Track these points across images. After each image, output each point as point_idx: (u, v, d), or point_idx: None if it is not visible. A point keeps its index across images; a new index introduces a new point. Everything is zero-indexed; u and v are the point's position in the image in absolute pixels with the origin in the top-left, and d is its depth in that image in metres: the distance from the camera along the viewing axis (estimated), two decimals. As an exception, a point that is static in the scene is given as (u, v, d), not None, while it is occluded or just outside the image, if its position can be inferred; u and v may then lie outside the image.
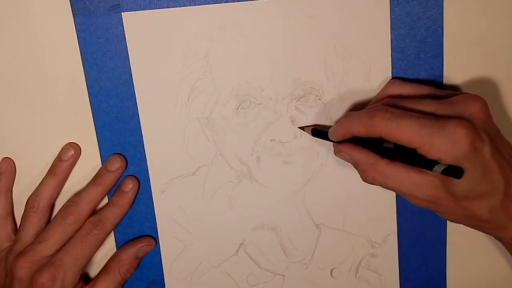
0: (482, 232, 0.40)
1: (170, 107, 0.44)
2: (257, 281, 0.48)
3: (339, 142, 0.41)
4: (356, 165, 0.40)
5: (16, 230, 0.46)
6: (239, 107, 0.44)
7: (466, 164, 0.35)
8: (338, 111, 0.44)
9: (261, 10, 0.42)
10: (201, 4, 0.42)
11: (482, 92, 0.44)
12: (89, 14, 0.42)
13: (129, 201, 0.44)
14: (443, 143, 0.35)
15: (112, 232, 0.46)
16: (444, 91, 0.41)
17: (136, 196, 0.45)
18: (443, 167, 0.35)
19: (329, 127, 0.41)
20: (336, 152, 0.41)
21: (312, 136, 0.43)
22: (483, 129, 0.36)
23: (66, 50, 0.43)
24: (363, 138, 0.39)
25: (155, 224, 0.46)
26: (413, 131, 0.36)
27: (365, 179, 0.39)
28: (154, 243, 0.46)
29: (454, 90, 0.44)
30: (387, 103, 0.39)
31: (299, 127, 0.44)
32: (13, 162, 0.45)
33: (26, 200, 0.44)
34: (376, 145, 0.39)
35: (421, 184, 0.37)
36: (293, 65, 0.43)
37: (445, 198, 0.37)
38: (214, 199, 0.46)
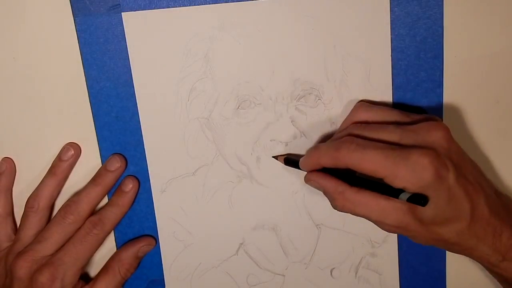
0: (454, 252, 0.41)
1: (170, 107, 0.44)
2: (257, 281, 0.48)
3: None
4: (325, 193, 0.41)
5: (16, 230, 0.46)
6: (239, 107, 0.44)
7: (431, 192, 0.36)
8: (338, 111, 0.44)
9: (261, 10, 0.42)
10: (201, 4, 0.42)
11: (482, 92, 0.44)
12: (89, 14, 0.42)
13: (129, 201, 0.44)
14: (407, 173, 0.36)
15: (112, 232, 0.46)
16: (408, 115, 0.41)
17: (136, 196, 0.45)
18: (408, 195, 0.36)
19: (300, 156, 0.42)
20: (306, 180, 0.42)
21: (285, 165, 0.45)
22: (447, 156, 0.37)
23: (66, 50, 0.43)
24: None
25: (155, 224, 0.46)
26: (378, 162, 0.37)
27: (335, 206, 0.40)
28: (154, 243, 0.46)
29: (453, 83, 0.44)
30: (352, 131, 0.40)
31: (272, 156, 0.45)
32: (13, 162, 0.45)
33: (26, 200, 0.44)
34: (347, 174, 0.40)
35: (389, 211, 0.38)
36: (293, 65, 0.43)
37: (413, 224, 0.38)
38: (214, 199, 0.46)
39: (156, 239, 0.46)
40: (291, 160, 0.44)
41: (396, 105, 0.44)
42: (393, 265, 0.47)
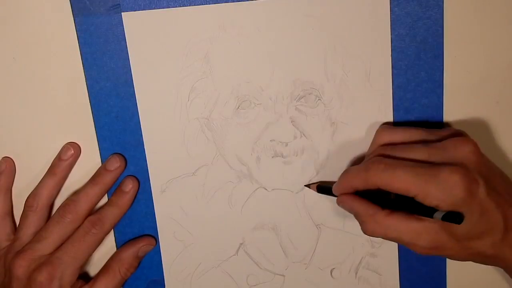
0: (491, 265, 0.40)
1: (170, 107, 0.44)
2: (257, 281, 0.48)
3: None
4: (356, 216, 0.41)
5: (15, 229, 0.46)
6: (239, 107, 0.44)
7: (464, 208, 0.36)
8: (338, 111, 0.44)
9: (261, 10, 0.42)
10: (201, 4, 0.42)
11: (482, 92, 0.44)
12: (89, 14, 0.42)
13: (128, 201, 0.44)
14: (439, 191, 0.36)
15: (112, 232, 0.46)
16: (433, 132, 0.41)
17: (136, 196, 0.45)
18: (442, 214, 0.36)
19: (332, 183, 0.43)
20: (338, 203, 0.42)
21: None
22: (477, 170, 0.37)
23: (66, 50, 0.43)
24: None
25: (155, 224, 0.46)
26: (408, 181, 0.37)
27: (365, 231, 0.40)
28: (155, 242, 0.46)
29: (455, 87, 0.44)
30: (380, 154, 0.40)
31: (305, 185, 0.45)
32: (13, 161, 0.45)
33: (25, 199, 0.44)
34: (381, 196, 0.40)
35: (422, 232, 0.38)
36: (293, 65, 0.43)
37: (448, 242, 0.38)
38: (214, 199, 0.46)
39: (156, 239, 0.46)
40: (323, 188, 0.44)
41: (396, 105, 0.44)
42: (393, 265, 0.47)
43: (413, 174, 0.37)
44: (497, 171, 0.40)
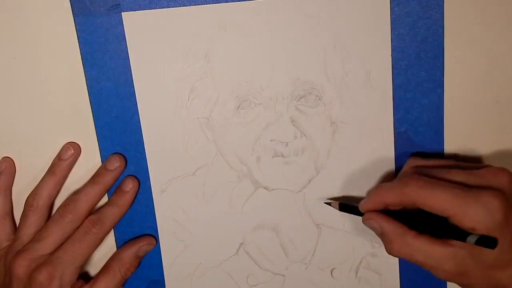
0: None
1: (170, 107, 0.44)
2: (257, 281, 0.48)
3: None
4: (382, 235, 0.40)
5: (15, 229, 0.46)
6: (239, 107, 0.44)
7: (498, 234, 0.36)
8: (338, 111, 0.44)
9: (261, 10, 0.42)
10: (201, 4, 0.42)
11: (482, 92, 0.44)
12: (89, 14, 0.42)
13: (128, 201, 0.44)
14: (478, 213, 0.35)
15: (112, 232, 0.46)
16: (466, 163, 0.41)
17: (136, 196, 0.45)
18: (476, 237, 0.36)
19: (354, 199, 0.42)
20: (365, 219, 0.41)
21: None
22: None
23: (66, 50, 0.43)
24: (392, 210, 0.39)
25: (155, 224, 0.46)
26: (447, 200, 0.36)
27: (390, 250, 0.39)
28: (155, 242, 0.46)
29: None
30: (417, 172, 0.40)
31: (325, 202, 0.45)
32: (13, 161, 0.45)
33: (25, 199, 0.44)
34: (405, 218, 0.39)
35: (449, 257, 0.37)
36: (293, 65, 0.43)
37: (474, 268, 0.37)
38: (214, 199, 0.46)
39: (156, 239, 0.46)
40: (346, 206, 0.43)
41: (396, 105, 0.44)
42: (393, 265, 0.47)
43: (453, 194, 0.36)
44: None
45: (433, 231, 0.38)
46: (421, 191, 0.37)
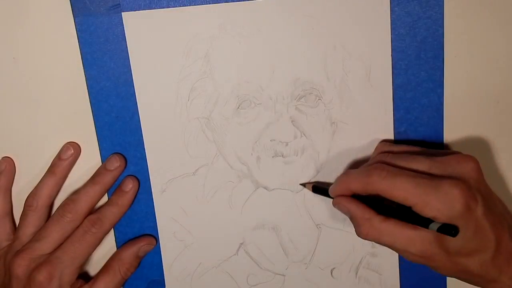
0: (474, 285, 0.41)
1: (170, 107, 0.44)
2: (257, 281, 0.48)
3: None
4: (351, 219, 0.41)
5: (15, 229, 0.46)
6: (239, 107, 0.44)
7: (460, 222, 0.37)
8: (338, 111, 0.44)
9: (261, 10, 0.42)
10: (201, 4, 0.42)
11: (482, 92, 0.44)
12: (89, 14, 0.42)
13: (128, 201, 0.44)
14: (438, 202, 0.36)
15: (112, 232, 0.46)
16: (433, 150, 0.42)
17: (136, 196, 0.45)
18: (438, 225, 0.36)
19: (328, 184, 0.43)
20: (334, 204, 0.42)
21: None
22: (476, 188, 0.37)
23: (66, 50, 0.43)
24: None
25: (155, 224, 0.46)
26: (409, 190, 0.37)
27: (359, 233, 0.40)
28: (155, 242, 0.46)
29: (454, 88, 0.44)
30: (381, 160, 0.41)
31: (300, 184, 0.45)
32: (13, 161, 0.45)
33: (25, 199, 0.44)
34: (375, 202, 0.40)
35: (415, 240, 0.38)
36: (293, 65, 0.43)
37: (438, 254, 0.38)
38: (214, 199, 0.46)
39: (156, 239, 0.46)
40: (319, 188, 0.44)
41: (396, 105, 0.44)
42: (393, 265, 0.47)
43: (414, 184, 0.37)
44: (493, 193, 0.40)
45: (401, 216, 0.39)
46: (383, 181, 0.38)
